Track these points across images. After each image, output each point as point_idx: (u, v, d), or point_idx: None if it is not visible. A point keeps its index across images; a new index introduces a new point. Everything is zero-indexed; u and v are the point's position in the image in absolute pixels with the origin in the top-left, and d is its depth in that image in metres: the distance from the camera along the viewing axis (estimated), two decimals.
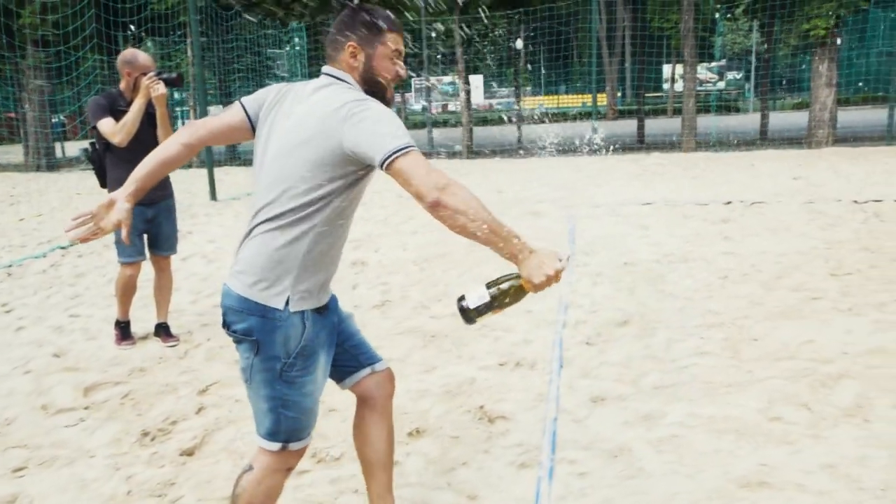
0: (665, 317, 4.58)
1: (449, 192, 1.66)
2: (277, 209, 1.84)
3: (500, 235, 1.70)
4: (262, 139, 1.96)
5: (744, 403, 3.34)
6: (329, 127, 1.78)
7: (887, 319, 4.34)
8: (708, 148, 15.68)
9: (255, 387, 1.93)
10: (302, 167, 1.82)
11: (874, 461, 2.79)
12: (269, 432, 1.96)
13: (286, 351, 1.88)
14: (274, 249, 1.85)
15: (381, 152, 1.70)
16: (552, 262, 1.73)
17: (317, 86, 1.92)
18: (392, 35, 1.95)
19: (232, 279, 1.92)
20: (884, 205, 7.97)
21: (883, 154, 13.06)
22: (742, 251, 6.16)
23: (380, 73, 1.95)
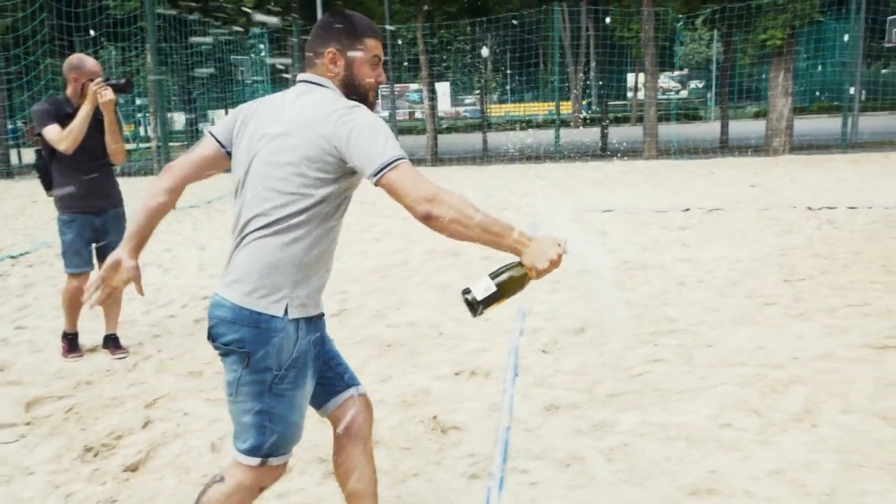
0: (621, 324, 4.59)
1: (437, 202, 1.69)
2: (272, 216, 1.82)
3: (495, 233, 1.74)
4: (243, 151, 1.93)
5: (695, 410, 3.35)
6: (320, 132, 1.79)
7: (837, 325, 4.41)
8: (669, 156, 15.89)
9: (240, 400, 1.87)
10: (294, 172, 1.81)
11: (821, 466, 2.81)
12: (252, 447, 1.89)
13: (278, 362, 1.84)
14: (271, 255, 1.82)
15: (371, 167, 1.72)
16: (553, 248, 1.77)
17: (299, 92, 1.92)
18: (371, 41, 1.96)
19: (226, 289, 1.86)
20: (837, 211, 8.14)
21: (837, 162, 13.36)
22: (699, 258, 6.23)
23: (360, 79, 1.96)
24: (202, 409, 3.59)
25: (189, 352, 4.43)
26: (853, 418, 3.20)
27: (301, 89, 1.93)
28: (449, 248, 7.10)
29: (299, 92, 1.92)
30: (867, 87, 28.65)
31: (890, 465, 2.80)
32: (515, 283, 1.83)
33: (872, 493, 2.62)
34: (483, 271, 1.86)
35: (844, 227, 7.25)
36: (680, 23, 16.51)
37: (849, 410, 3.27)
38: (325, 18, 1.98)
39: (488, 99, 35.61)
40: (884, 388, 3.49)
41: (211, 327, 1.89)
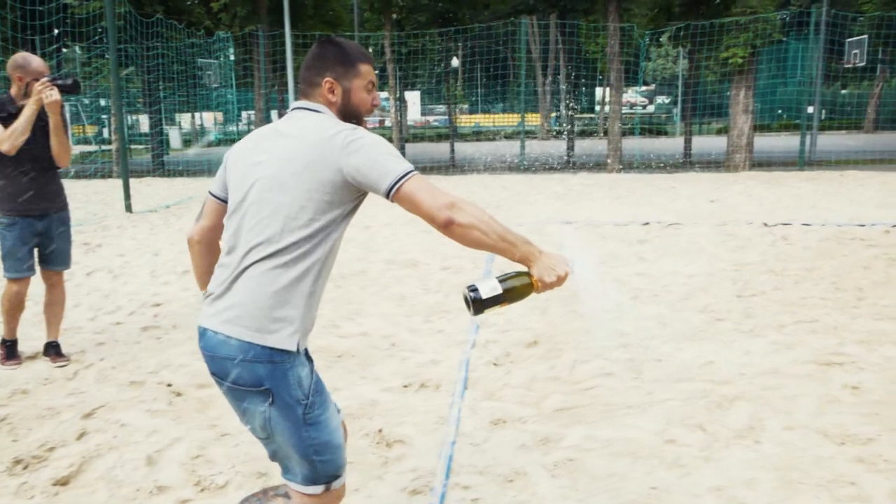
0: (573, 337, 4.60)
1: (457, 209, 1.71)
2: (279, 244, 1.78)
3: (510, 241, 1.77)
4: (237, 179, 1.91)
5: (641, 425, 3.35)
6: (325, 154, 1.78)
7: (785, 341, 4.46)
8: (632, 169, 16.06)
9: (279, 440, 1.85)
10: (301, 196, 1.78)
11: (761, 483, 2.83)
12: (308, 479, 1.90)
13: (303, 392, 1.82)
14: (280, 288, 1.77)
15: (386, 181, 1.73)
16: (562, 265, 1.82)
17: (296, 118, 1.92)
18: (365, 67, 1.99)
19: (227, 326, 1.78)
20: (791, 228, 8.28)
21: (795, 179, 13.62)
22: (654, 272, 6.28)
23: (357, 106, 1.98)
24: (141, 420, 3.49)
25: (133, 360, 4.31)
26: (795, 435, 3.23)
27: (297, 115, 1.94)
28: (408, 258, 7.06)
29: (296, 118, 1.93)
30: (826, 107, 29.43)
31: (828, 482, 2.82)
32: (520, 291, 1.86)
33: None
34: (443, 282, 1.86)
35: (798, 244, 7.37)
36: (645, 39, 16.72)
37: (791, 427, 3.30)
38: (318, 48, 1.99)
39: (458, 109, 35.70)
40: (826, 405, 3.53)
41: (216, 368, 1.83)
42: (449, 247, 7.51)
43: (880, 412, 3.43)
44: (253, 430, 1.89)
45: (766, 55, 18.85)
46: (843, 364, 4.05)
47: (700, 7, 17.46)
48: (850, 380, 3.82)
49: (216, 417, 3.51)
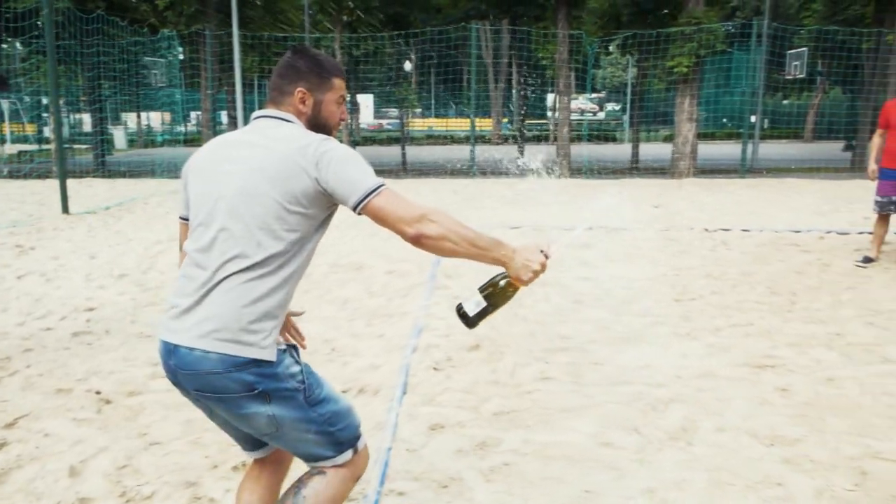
0: (515, 341, 4.61)
1: (427, 223, 1.73)
2: (254, 257, 1.77)
3: (482, 247, 1.81)
4: (201, 192, 1.88)
5: (578, 429, 3.37)
6: (297, 166, 1.78)
7: (720, 343, 4.55)
8: (581, 175, 16.27)
9: (290, 430, 1.85)
10: (274, 208, 1.78)
11: (692, 485, 2.87)
12: (335, 450, 1.93)
13: (297, 380, 1.84)
14: (257, 300, 1.77)
15: (354, 196, 1.75)
16: (536, 258, 1.85)
17: (262, 128, 1.90)
18: (338, 80, 2.00)
19: (202, 341, 1.74)
20: (731, 233, 8.48)
21: (736, 186, 13.97)
22: (597, 276, 6.35)
23: (327, 118, 1.99)
24: (67, 429, 3.37)
25: (62, 367, 4.16)
26: (726, 436, 3.29)
27: (263, 125, 1.92)
28: (353, 261, 7.00)
29: (263, 127, 1.90)
30: (768, 116, 30.32)
31: (756, 483, 2.88)
32: (504, 295, 1.93)
33: None
34: (388, 285, 1.88)
35: (736, 249, 7.55)
36: (593, 46, 16.97)
37: (723, 429, 3.36)
38: (292, 57, 1.99)
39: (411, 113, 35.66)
40: (758, 407, 3.60)
41: (199, 385, 1.78)
42: (395, 250, 7.48)
43: (807, 413, 3.52)
44: (258, 432, 1.86)
45: (711, 65, 19.30)
46: (775, 367, 4.16)
47: (647, 16, 17.82)
48: (781, 382, 3.92)
49: (146, 426, 3.41)
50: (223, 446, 3.19)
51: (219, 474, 2.97)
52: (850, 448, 3.16)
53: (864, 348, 4.47)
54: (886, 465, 3.01)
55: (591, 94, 38.25)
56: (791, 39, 20.15)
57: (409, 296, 5.72)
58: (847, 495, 2.78)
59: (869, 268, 6.68)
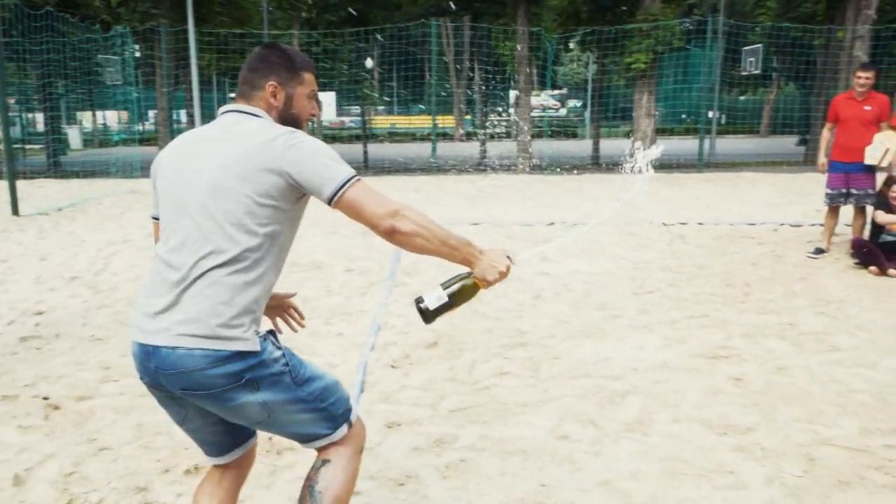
0: (474, 337, 4.61)
1: (400, 217, 1.75)
2: (229, 253, 1.75)
3: (452, 246, 1.83)
4: (173, 190, 1.85)
5: (536, 423, 3.38)
6: (266, 159, 1.77)
7: (676, 335, 4.61)
8: (542, 171, 16.36)
9: (283, 413, 1.84)
10: (246, 203, 1.76)
11: (646, 475, 2.89)
12: (330, 426, 1.92)
13: (281, 364, 1.83)
14: (236, 296, 1.75)
15: (328, 188, 1.74)
16: (502, 261, 1.91)
17: (230, 122, 1.89)
18: (308, 75, 2.00)
19: (184, 339, 1.72)
20: (688, 227, 8.61)
21: (694, 180, 14.19)
22: (557, 271, 6.38)
23: (297, 112, 1.99)
24: (12, 436, 3.27)
25: (8, 373, 4.04)
26: (681, 427, 3.33)
27: (233, 119, 1.91)
28: (312, 260, 6.93)
29: (231, 122, 1.89)
30: (725, 112, 30.85)
31: (709, 471, 2.92)
32: (466, 293, 1.95)
33: (691, 501, 2.71)
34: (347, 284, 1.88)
35: (693, 242, 7.66)
36: (552, 43, 17.07)
37: (678, 419, 3.40)
38: (263, 51, 1.98)
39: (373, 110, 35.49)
40: (711, 397, 3.66)
41: (185, 383, 1.75)
42: (355, 249, 7.44)
43: (760, 402, 3.58)
44: (252, 421, 1.85)
45: (670, 61, 19.57)
46: (729, 357, 4.22)
47: (606, 13, 17.99)
48: (734, 372, 3.98)
49: (95, 431, 3.33)
50: (175, 450, 3.13)
51: (170, 478, 2.91)
52: (799, 435, 3.23)
53: (815, 337, 4.57)
54: (834, 451, 3.08)
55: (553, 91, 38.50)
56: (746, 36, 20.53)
57: (368, 294, 5.68)
58: (796, 481, 2.83)
59: (820, 259, 6.83)
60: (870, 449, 3.09)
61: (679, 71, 23.00)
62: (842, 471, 2.91)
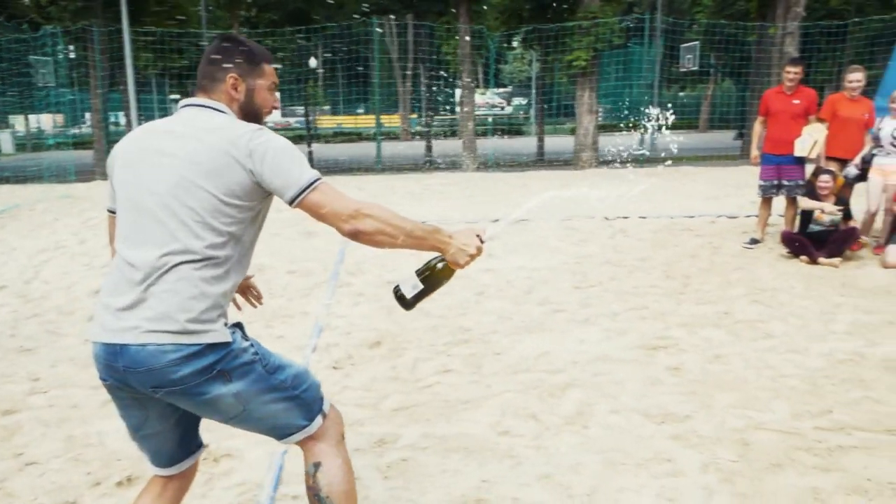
0: (417, 335, 4.59)
1: (361, 217, 1.76)
2: (194, 250, 1.74)
3: (419, 237, 1.87)
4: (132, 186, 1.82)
5: (477, 419, 3.38)
6: (232, 158, 1.76)
7: (616, 328, 4.67)
8: (487, 168, 16.44)
9: (257, 404, 1.83)
10: (210, 201, 1.75)
11: (586, 467, 2.92)
12: (305, 416, 1.92)
13: (250, 353, 1.82)
14: (202, 293, 1.75)
15: (291, 190, 1.75)
16: (472, 242, 1.95)
17: (190, 116, 1.87)
18: (269, 67, 2.00)
19: (153, 336, 1.70)
20: (629, 221, 8.75)
21: (634, 175, 14.44)
22: (500, 267, 6.41)
23: (259, 105, 1.98)
24: None
25: None
26: (620, 418, 3.37)
27: (191, 113, 1.88)
28: (254, 262, 6.79)
29: (190, 116, 1.87)
30: (666, 108, 31.52)
31: (647, 461, 2.96)
32: (440, 278, 2.00)
33: (629, 490, 2.75)
34: (289, 286, 1.89)
35: (634, 236, 7.79)
36: (494, 41, 17.16)
37: (617, 410, 3.44)
38: (222, 43, 1.96)
39: (318, 111, 35.15)
40: (650, 387, 3.71)
41: (155, 381, 1.72)
42: (298, 250, 7.34)
43: (697, 390, 3.66)
44: (226, 416, 1.83)
45: (612, 58, 19.87)
46: (668, 347, 4.30)
47: (547, 11, 18.15)
48: (672, 362, 4.06)
49: (22, 445, 3.20)
50: (107, 461, 3.04)
51: (101, 492, 2.81)
52: (734, 421, 3.30)
53: (750, 325, 4.69)
54: (767, 435, 3.16)
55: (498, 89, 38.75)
56: (684, 34, 21.00)
57: (311, 295, 5.61)
58: (731, 466, 2.89)
59: (755, 249, 7.02)
60: (800, 431, 3.19)
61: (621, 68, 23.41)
62: (774, 454, 2.99)
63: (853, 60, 14.73)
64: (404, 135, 32.83)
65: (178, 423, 1.93)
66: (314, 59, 27.57)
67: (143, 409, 1.86)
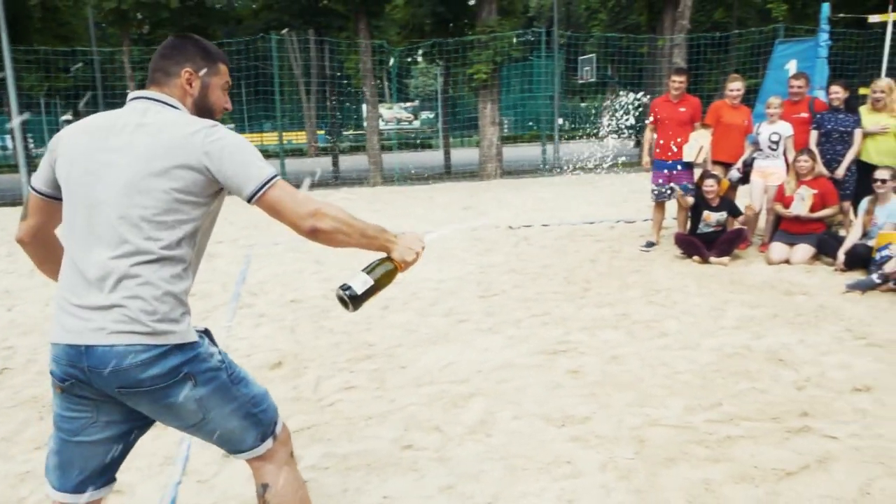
0: (320, 353, 4.51)
1: (321, 216, 1.79)
2: (154, 248, 1.73)
3: (371, 236, 1.95)
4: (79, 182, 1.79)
5: (381, 435, 3.34)
6: (186, 154, 1.75)
7: (520, 335, 4.73)
8: (393, 183, 16.44)
9: (217, 414, 1.83)
10: (164, 198, 1.74)
11: (488, 475, 2.93)
12: (258, 437, 1.93)
13: (217, 359, 1.84)
14: (165, 291, 1.74)
15: (249, 187, 1.75)
16: (417, 243, 2.07)
17: (142, 110, 1.84)
18: (223, 66, 2.01)
19: (121, 336, 1.69)
20: (532, 229, 8.92)
21: (538, 185, 14.79)
22: (406, 280, 6.38)
23: (212, 102, 1.98)
24: None
25: None
26: (522, 423, 3.40)
27: (143, 107, 1.85)
28: None
29: (142, 110, 1.84)
30: (568, 118, 32.45)
31: (548, 464, 2.99)
32: (389, 276, 2.06)
33: (531, 495, 2.77)
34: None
35: (537, 244, 7.94)
36: (395, 55, 17.22)
37: (519, 416, 3.47)
38: (177, 39, 1.96)
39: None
40: (551, 391, 3.77)
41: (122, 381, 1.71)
42: (200, 272, 7.08)
43: (596, 392, 3.74)
44: (185, 423, 1.83)
45: (514, 72, 20.29)
46: (568, 351, 4.38)
47: (448, 26, 18.39)
48: (573, 365, 4.14)
49: None
50: None
51: None
52: (631, 419, 3.39)
53: (646, 325, 4.84)
54: (662, 431, 3.26)
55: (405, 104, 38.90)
56: (583, 47, 21.70)
57: (210, 318, 5.42)
58: (627, 464, 2.97)
59: (651, 251, 7.29)
60: (693, 425, 3.30)
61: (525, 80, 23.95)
62: (668, 449, 3.08)
63: (737, 70, 15.59)
64: (311, 150, 32.42)
65: (116, 440, 1.90)
66: None
67: (93, 412, 1.84)
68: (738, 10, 24.72)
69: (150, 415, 1.84)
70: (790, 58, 9.86)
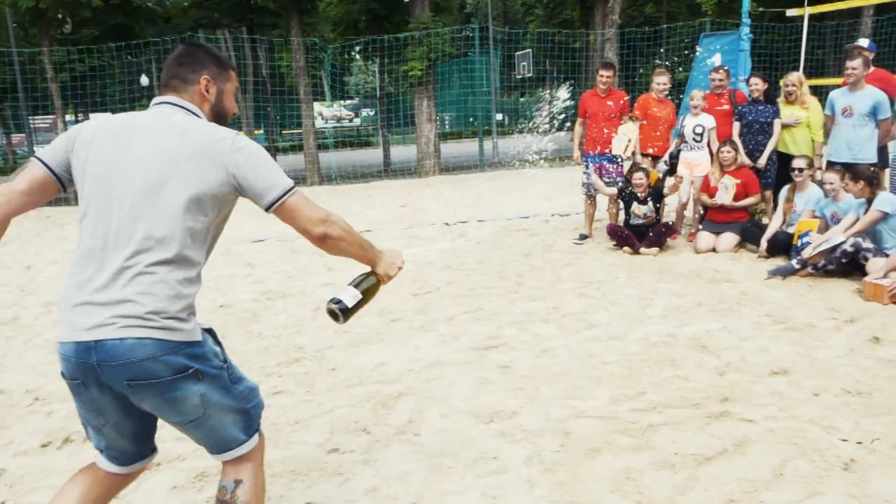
0: (249, 358, 4.42)
1: (330, 224, 1.92)
2: (171, 248, 1.79)
3: (366, 249, 2.08)
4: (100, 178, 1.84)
5: (307, 440, 3.29)
6: (214, 160, 1.82)
7: (451, 332, 4.73)
8: (331, 181, 16.28)
9: (215, 410, 1.90)
10: (189, 201, 1.80)
11: (414, 475, 2.91)
12: (248, 432, 2.01)
13: (220, 359, 1.93)
14: (179, 292, 1.80)
15: (270, 195, 1.85)
16: (399, 258, 2.21)
17: (168, 114, 1.91)
18: (234, 73, 2.09)
19: (133, 330, 1.74)
20: (468, 225, 8.95)
21: (477, 180, 14.85)
22: (341, 281, 6.32)
23: (226, 108, 2.06)
24: None
25: None
26: (449, 421, 3.39)
27: (169, 111, 1.92)
28: None
29: (168, 114, 1.91)
30: (508, 113, 32.67)
31: (474, 461, 2.99)
32: (373, 290, 2.17)
33: (454, 493, 2.76)
34: None
35: (473, 239, 7.96)
36: (328, 53, 17.04)
37: (447, 414, 3.47)
38: (191, 48, 2.02)
39: None
40: (480, 387, 3.78)
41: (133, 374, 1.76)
42: None
43: (525, 386, 3.76)
44: (186, 417, 1.87)
45: (451, 68, 20.31)
46: (499, 346, 4.40)
47: (383, 23, 18.29)
48: (503, 360, 4.15)
49: None
50: None
51: None
52: (558, 412, 3.42)
53: (576, 317, 4.90)
54: (587, 422, 3.29)
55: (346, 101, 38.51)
56: (520, 42, 21.87)
57: None
58: (552, 457, 2.99)
59: (584, 244, 7.39)
60: (617, 415, 3.35)
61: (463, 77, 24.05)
62: (593, 439, 3.12)
63: (668, 63, 15.94)
64: None
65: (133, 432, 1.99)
66: (145, 77, 26.14)
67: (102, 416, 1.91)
68: (668, 5, 25.32)
69: (153, 409, 1.88)
70: (715, 51, 10.13)
